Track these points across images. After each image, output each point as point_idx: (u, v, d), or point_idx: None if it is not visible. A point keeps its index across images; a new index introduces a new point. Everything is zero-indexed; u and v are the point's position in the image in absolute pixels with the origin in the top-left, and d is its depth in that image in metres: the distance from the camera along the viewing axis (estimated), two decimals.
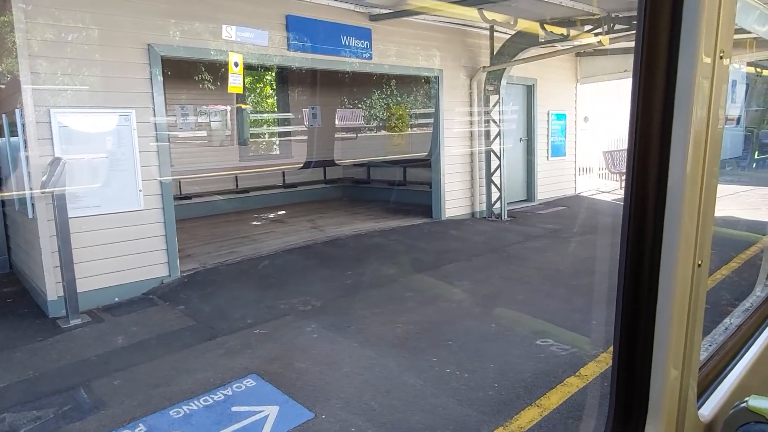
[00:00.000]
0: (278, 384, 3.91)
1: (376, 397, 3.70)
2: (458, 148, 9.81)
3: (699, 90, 1.07)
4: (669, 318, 1.13)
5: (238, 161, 12.38)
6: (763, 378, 1.96)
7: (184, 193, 10.73)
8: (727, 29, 1.11)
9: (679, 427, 1.24)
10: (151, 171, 6.19)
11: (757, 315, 2.00)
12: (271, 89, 15.01)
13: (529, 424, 3.35)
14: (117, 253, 5.96)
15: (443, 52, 9.31)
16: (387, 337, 4.73)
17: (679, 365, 1.20)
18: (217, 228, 9.60)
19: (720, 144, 1.19)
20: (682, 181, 1.08)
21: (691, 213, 1.12)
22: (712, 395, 1.50)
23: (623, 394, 1.20)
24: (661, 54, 1.07)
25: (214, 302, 5.80)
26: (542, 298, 5.68)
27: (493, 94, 9.83)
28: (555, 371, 3.98)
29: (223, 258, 7.29)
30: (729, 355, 1.73)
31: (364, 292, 6.02)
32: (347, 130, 14.51)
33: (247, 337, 4.82)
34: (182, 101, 11.81)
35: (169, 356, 4.55)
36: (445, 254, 7.55)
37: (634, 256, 1.14)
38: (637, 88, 1.09)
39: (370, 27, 8.25)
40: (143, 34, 6.03)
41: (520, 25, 8.74)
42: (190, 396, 3.81)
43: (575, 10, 7.86)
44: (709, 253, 1.22)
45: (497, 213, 10.03)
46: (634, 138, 1.11)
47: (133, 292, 6.08)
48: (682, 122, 1.07)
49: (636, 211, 1.13)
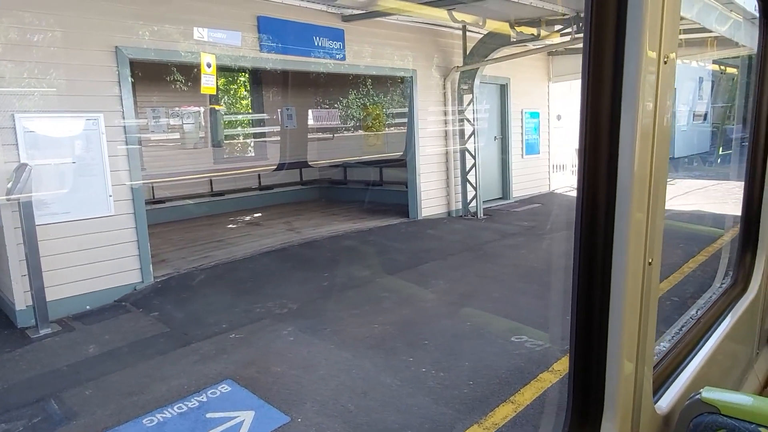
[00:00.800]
0: (254, 389, 3.88)
1: (352, 399, 3.70)
2: (433, 147, 9.87)
3: (645, 87, 1.09)
4: (621, 315, 1.16)
5: (213, 164, 12.25)
6: (720, 369, 2.02)
7: (157, 197, 10.56)
8: (671, 27, 1.13)
9: (635, 420, 1.28)
10: (121, 175, 6.08)
11: (714, 309, 2.07)
12: (245, 90, 14.87)
13: (503, 420, 3.40)
14: (87, 260, 5.83)
15: (417, 53, 9.36)
16: (364, 338, 4.74)
17: (633, 360, 1.23)
18: (191, 232, 9.48)
19: (668, 141, 1.22)
20: (631, 180, 1.11)
21: (640, 212, 1.15)
22: (669, 388, 1.54)
23: (580, 391, 1.23)
24: (608, 52, 1.09)
25: (189, 308, 5.72)
26: (517, 295, 5.76)
27: (467, 93, 9.91)
28: (529, 367, 4.04)
29: (198, 263, 7.20)
30: (687, 348, 1.78)
31: (341, 293, 6.02)
32: (323, 130, 14.47)
33: (222, 343, 4.77)
34: (154, 103, 11.62)
35: (142, 364, 4.47)
36: (421, 254, 7.59)
37: (587, 256, 1.17)
38: (585, 87, 1.11)
39: (342, 28, 8.24)
40: (110, 36, 5.91)
41: (489, 25, 8.85)
42: (163, 404, 3.76)
43: (544, 11, 7.98)
44: (660, 251, 1.25)
45: (473, 211, 10.12)
46: (584, 137, 1.12)
47: (105, 300, 5.96)
48: (629, 120, 1.09)
49: (587, 211, 1.15)
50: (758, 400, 1.29)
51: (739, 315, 2.17)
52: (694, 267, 6.32)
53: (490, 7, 7.93)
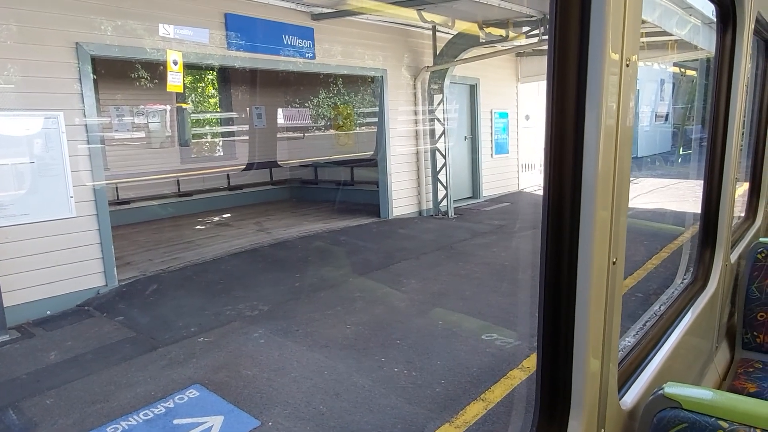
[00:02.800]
0: (223, 393, 3.82)
1: (325, 401, 3.68)
2: (404, 147, 9.90)
3: (608, 88, 1.11)
4: (587, 314, 1.18)
5: (180, 163, 11.98)
6: (682, 363, 2.09)
7: (123, 198, 10.28)
8: (633, 30, 1.16)
9: (600, 417, 1.30)
10: (83, 176, 5.88)
11: (675, 305, 2.13)
12: (213, 88, 14.61)
13: (474, 418, 3.42)
14: (48, 263, 5.63)
15: (387, 52, 9.36)
16: (336, 339, 4.72)
17: (599, 358, 1.25)
18: (158, 233, 9.26)
19: (631, 141, 1.24)
20: (595, 180, 1.12)
21: (604, 211, 1.17)
22: (634, 384, 1.58)
23: (547, 389, 1.24)
24: (572, 54, 1.10)
25: (156, 311, 5.59)
26: (488, 293, 5.82)
27: (437, 93, 9.97)
28: (499, 365, 4.09)
29: (166, 265, 7.04)
30: (650, 344, 1.82)
31: (313, 294, 5.97)
32: (294, 129, 14.33)
33: (191, 346, 4.67)
34: (118, 101, 11.31)
35: (106, 370, 4.34)
36: (393, 253, 7.59)
37: (553, 256, 1.18)
38: (551, 88, 1.12)
39: (312, 26, 8.18)
40: (71, 32, 5.72)
41: (458, 26, 8.92)
42: (129, 411, 3.65)
43: (512, 12, 8.09)
44: (624, 250, 1.27)
45: (444, 211, 10.19)
46: (550, 137, 1.14)
47: (67, 304, 5.76)
48: (593, 120, 1.11)
49: (553, 211, 1.16)
50: (718, 394, 1.33)
51: (699, 310, 2.24)
52: (657, 264, 6.51)
53: (458, 8, 7.99)
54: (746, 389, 2.34)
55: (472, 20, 8.67)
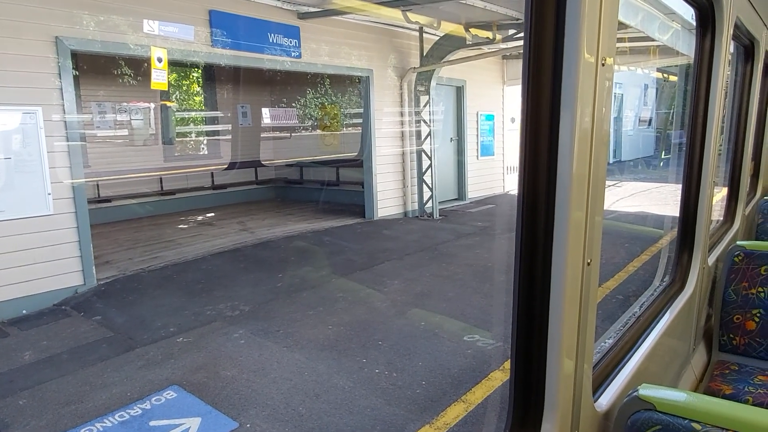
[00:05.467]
0: (201, 394, 3.76)
1: (304, 402, 3.64)
2: (390, 148, 9.88)
3: (583, 89, 1.10)
4: (561, 316, 1.17)
5: (163, 162, 11.82)
6: (659, 365, 2.09)
7: (103, 196, 10.12)
8: (609, 32, 1.15)
9: (575, 418, 1.29)
10: (61, 173, 5.77)
11: (653, 307, 2.13)
12: (198, 86, 14.45)
13: (454, 420, 3.41)
14: (24, 261, 5.51)
15: (374, 53, 9.34)
16: (317, 339, 4.68)
17: (573, 359, 1.24)
18: (139, 232, 9.13)
19: (607, 143, 1.23)
20: (569, 181, 1.11)
21: (579, 213, 1.16)
22: (610, 386, 1.57)
23: (521, 391, 1.23)
24: (547, 55, 1.09)
25: (134, 311, 5.49)
26: (470, 294, 5.83)
27: (424, 94, 9.97)
28: (480, 366, 4.09)
29: (146, 264, 6.93)
30: (627, 345, 1.82)
31: (295, 294, 5.92)
32: (280, 129, 14.24)
33: (170, 347, 4.60)
34: (100, 98, 11.11)
35: (82, 371, 4.25)
36: (377, 254, 7.57)
37: (527, 258, 1.17)
38: (526, 89, 1.11)
39: (298, 25, 8.12)
40: (50, 26, 5.61)
41: (444, 27, 8.93)
42: (104, 412, 3.58)
43: (497, 14, 8.13)
44: (599, 252, 1.26)
45: (429, 212, 10.20)
46: (525, 138, 1.12)
47: (44, 304, 5.65)
48: (567, 121, 1.10)
49: (528, 212, 1.15)
50: (691, 396, 1.33)
51: (677, 312, 2.25)
52: (638, 266, 6.57)
53: (444, 9, 8.00)
54: (722, 391, 2.36)
55: (458, 21, 8.69)
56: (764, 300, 2.56)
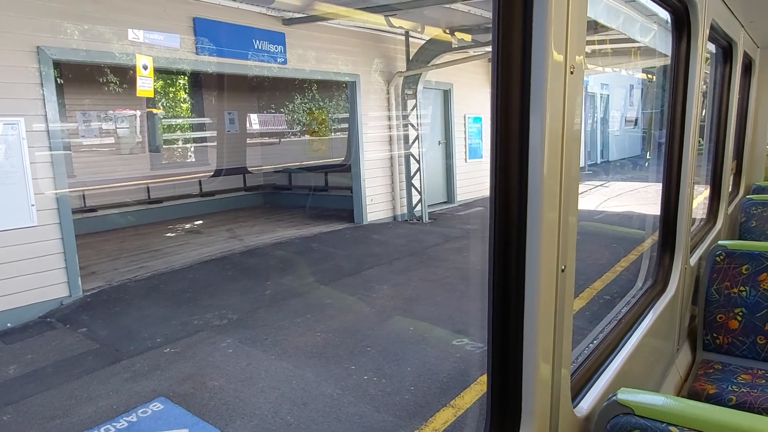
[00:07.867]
0: (188, 405, 3.72)
1: (292, 411, 3.61)
2: (378, 152, 9.88)
3: (552, 90, 1.09)
4: (536, 322, 1.16)
5: (150, 170, 11.73)
6: (643, 367, 2.10)
7: (89, 206, 10.01)
8: (578, 34, 1.14)
9: (553, 424, 1.28)
10: (45, 183, 5.71)
11: (635, 309, 2.14)
12: (185, 93, 14.37)
13: (443, 425, 3.40)
14: (7, 274, 5.44)
15: (360, 57, 9.35)
16: (306, 347, 4.65)
17: (550, 364, 1.24)
18: (126, 242, 9.04)
19: (578, 144, 1.22)
20: (541, 186, 1.10)
21: (552, 215, 1.15)
22: (590, 390, 1.57)
23: (498, 397, 1.22)
24: (515, 57, 1.08)
25: (121, 322, 5.43)
26: (459, 298, 5.83)
27: (411, 98, 9.99)
28: (469, 370, 4.08)
29: (132, 274, 6.87)
30: (609, 348, 1.82)
31: (284, 302, 5.89)
32: (268, 135, 14.19)
33: (156, 358, 4.55)
34: (85, 106, 11.02)
35: (68, 384, 4.20)
36: (366, 259, 7.56)
37: (500, 264, 1.16)
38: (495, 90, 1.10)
39: (283, 31, 8.11)
40: (31, 36, 5.55)
41: (429, 32, 8.97)
42: (90, 426, 3.53)
43: (482, 18, 8.17)
44: (574, 257, 1.26)
45: (418, 215, 10.20)
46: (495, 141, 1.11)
47: (29, 316, 5.57)
48: (537, 124, 1.09)
49: (500, 217, 1.14)
50: (670, 399, 1.33)
51: (659, 313, 2.26)
52: (625, 266, 6.61)
53: (428, 14, 8.04)
54: (706, 391, 2.37)
55: (442, 26, 8.73)
56: (746, 299, 2.58)
